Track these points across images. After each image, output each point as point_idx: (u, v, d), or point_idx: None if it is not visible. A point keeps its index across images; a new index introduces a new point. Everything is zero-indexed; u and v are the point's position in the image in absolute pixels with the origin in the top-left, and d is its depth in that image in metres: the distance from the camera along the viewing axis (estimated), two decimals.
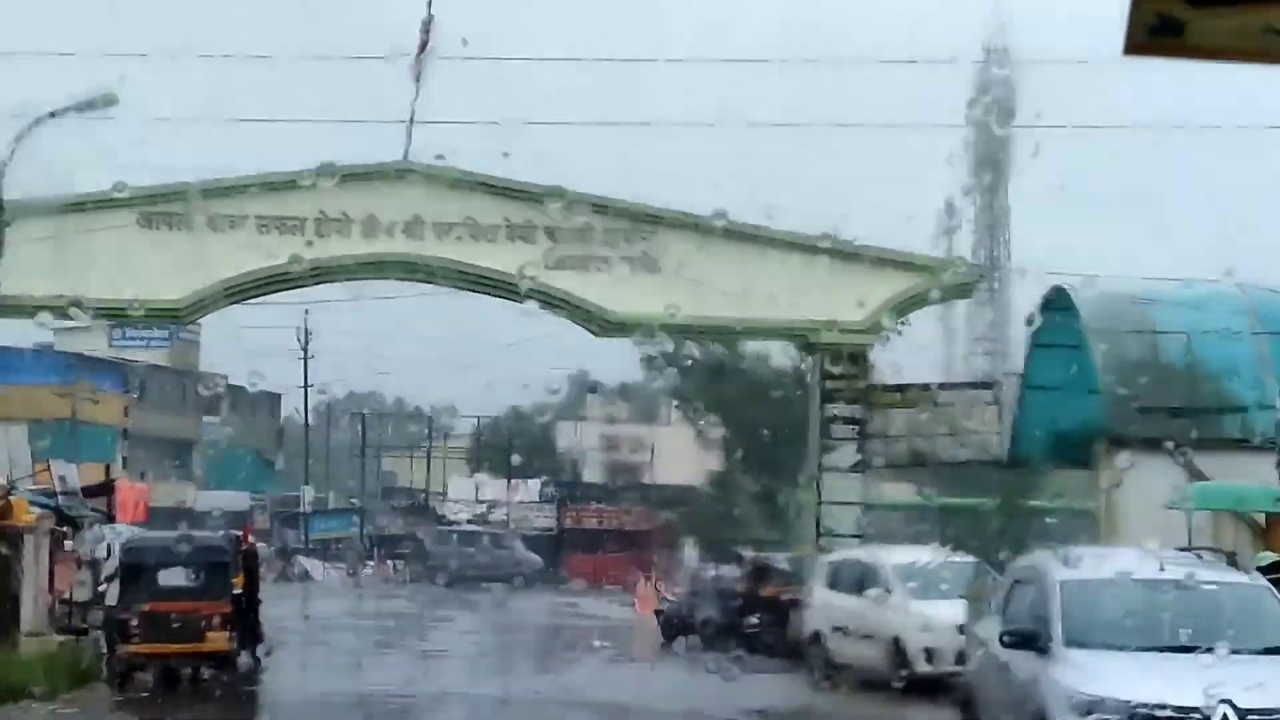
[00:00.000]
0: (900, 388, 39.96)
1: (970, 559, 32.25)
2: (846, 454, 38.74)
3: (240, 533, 33.76)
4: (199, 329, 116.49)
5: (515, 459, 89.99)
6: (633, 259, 38.71)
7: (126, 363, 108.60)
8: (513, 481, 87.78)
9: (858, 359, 39.03)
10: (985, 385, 40.42)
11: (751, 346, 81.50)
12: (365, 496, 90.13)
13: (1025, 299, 37.74)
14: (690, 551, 76.06)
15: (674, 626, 47.83)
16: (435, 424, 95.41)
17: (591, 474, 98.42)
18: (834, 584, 34.33)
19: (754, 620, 43.26)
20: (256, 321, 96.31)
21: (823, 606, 34.21)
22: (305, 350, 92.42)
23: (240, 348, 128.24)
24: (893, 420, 39.63)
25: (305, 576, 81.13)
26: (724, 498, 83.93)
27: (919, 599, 31.45)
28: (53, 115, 31.25)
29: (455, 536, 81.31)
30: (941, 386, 40.40)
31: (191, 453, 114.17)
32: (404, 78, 35.15)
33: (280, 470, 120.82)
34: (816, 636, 34.32)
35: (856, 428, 38.80)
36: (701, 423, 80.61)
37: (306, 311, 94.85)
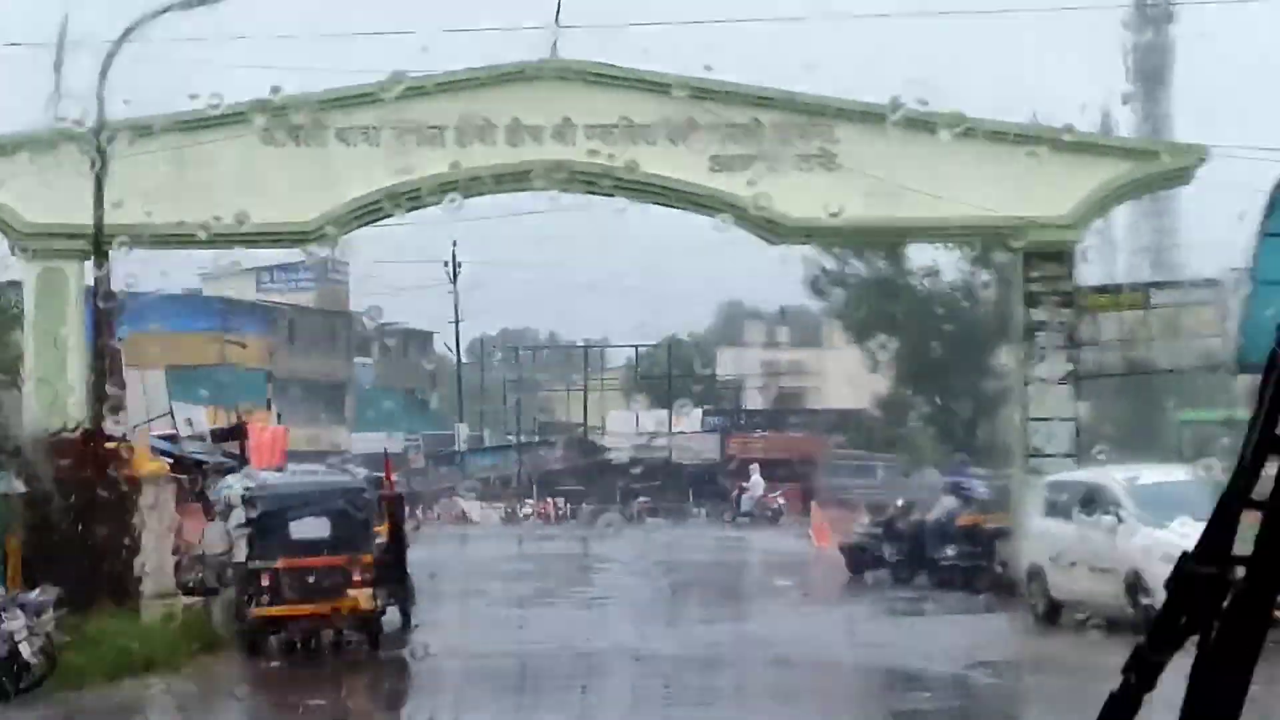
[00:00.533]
0: (1111, 288, 35.56)
1: (1214, 476, 28.07)
2: (1055, 364, 34.32)
3: (382, 475, 30.00)
4: (346, 268, 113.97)
5: (675, 389, 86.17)
6: (808, 156, 34.49)
7: (274, 305, 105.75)
8: (674, 412, 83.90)
9: (1063, 257, 34.56)
10: (1205, 284, 35.84)
11: (919, 259, 77.25)
12: (522, 432, 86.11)
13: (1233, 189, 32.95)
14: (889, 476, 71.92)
15: (862, 560, 43.86)
16: (590, 356, 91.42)
17: (753, 402, 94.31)
18: (1054, 510, 30.13)
19: (950, 552, 39.26)
20: (405, 254, 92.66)
21: (1041, 536, 30.01)
22: (455, 283, 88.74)
23: (386, 283, 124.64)
24: (1103, 326, 35.22)
25: (463, 517, 77.71)
26: (897, 419, 79.71)
27: (1160, 524, 27.25)
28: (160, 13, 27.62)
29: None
30: (1156, 286, 35.85)
31: (343, 395, 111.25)
32: None
33: (434, 409, 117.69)
34: (1035, 571, 30.16)
35: (1065, 334, 34.37)
36: (869, 343, 76.26)
37: (455, 243, 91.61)
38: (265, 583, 25.49)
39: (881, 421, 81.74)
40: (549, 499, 78.38)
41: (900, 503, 48.89)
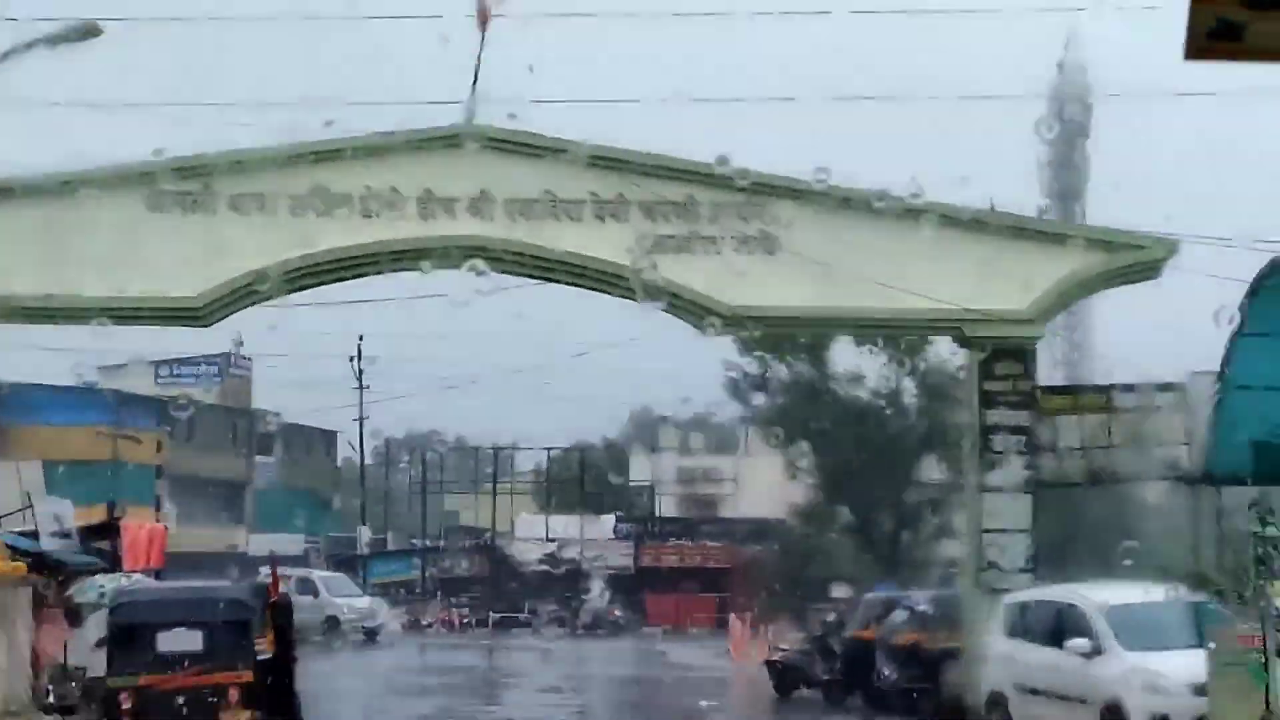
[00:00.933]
0: (1071, 389, 32.54)
1: (1200, 598, 25.02)
2: (1012, 470, 31.26)
3: (268, 579, 26.48)
4: (249, 363, 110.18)
5: (587, 495, 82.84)
6: (747, 239, 31.42)
7: (172, 400, 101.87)
8: (585, 518, 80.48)
9: (1022, 355, 31.55)
10: (1168, 387, 32.87)
11: (842, 364, 74.28)
12: (427, 537, 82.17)
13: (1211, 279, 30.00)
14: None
15: (789, 679, 40.57)
16: (500, 460, 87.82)
17: (667, 509, 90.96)
18: (1018, 631, 26.98)
19: (890, 673, 35.99)
20: (310, 347, 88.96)
21: (1004, 660, 26.84)
22: (360, 379, 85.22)
23: (290, 378, 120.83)
24: (1062, 430, 32.19)
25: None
26: (816, 530, 76.57)
27: (1141, 650, 24.17)
28: (29, 47, 24.37)
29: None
30: (1117, 389, 32.83)
31: (243, 495, 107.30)
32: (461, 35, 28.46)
33: (338, 511, 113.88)
34: (996, 699, 26.96)
35: (1024, 438, 31.33)
36: (789, 450, 73.20)
37: (361, 338, 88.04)
38: (126, 703, 21.97)
39: (800, 532, 78.59)
40: (453, 607, 74.72)
41: (832, 617, 45.71)
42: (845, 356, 72.70)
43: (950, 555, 76.28)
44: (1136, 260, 31.52)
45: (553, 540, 79.58)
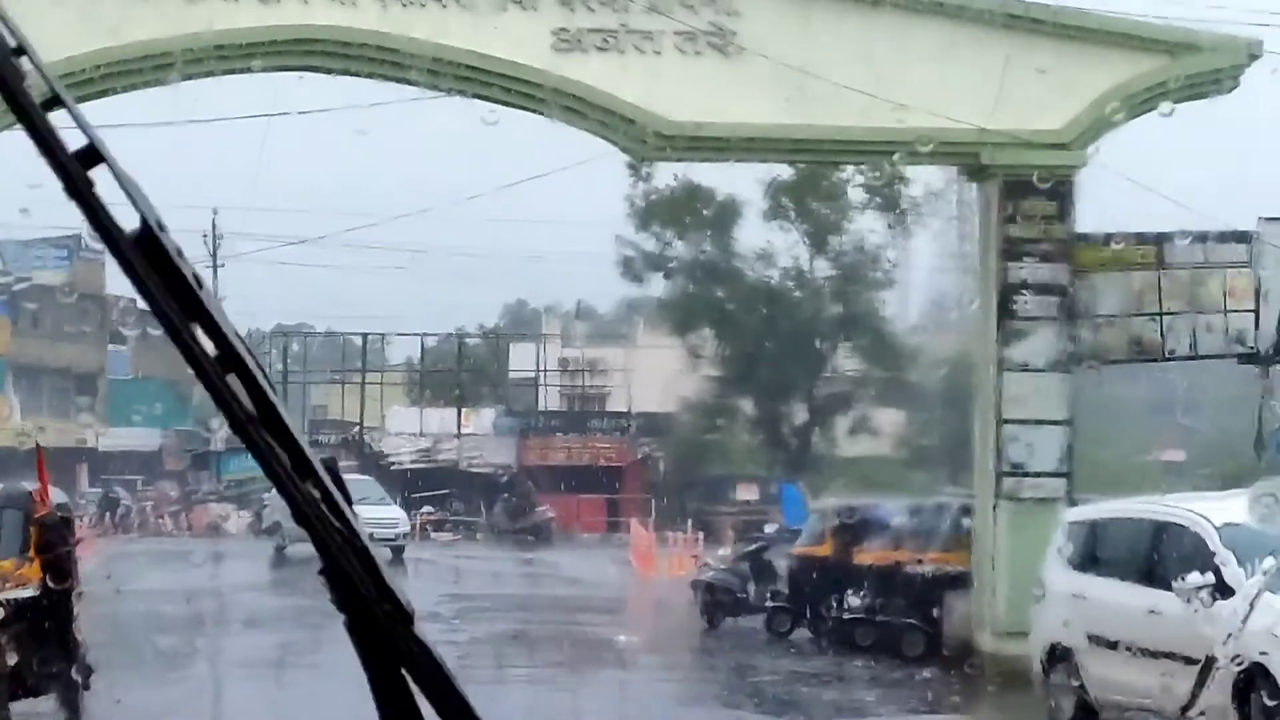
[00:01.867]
0: (1115, 238, 24.53)
1: None
2: (1043, 342, 23.28)
3: (33, 490, 18.21)
4: (103, 248, 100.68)
5: (464, 388, 74.33)
6: (695, 35, 23.17)
7: (16, 285, 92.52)
8: (463, 412, 72.01)
9: (1056, 191, 23.44)
10: (1235, 236, 25.02)
11: (749, 241, 66.13)
12: None
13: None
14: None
15: (720, 604, 32.67)
16: (371, 350, 78.82)
17: (552, 404, 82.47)
18: (1092, 561, 19.08)
19: (856, 602, 28.15)
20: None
21: (1070, 601, 18.91)
22: (215, 259, 76.26)
23: None
24: (1102, 291, 24.26)
25: (215, 529, 65.52)
26: (716, 425, 68.65)
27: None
28: None
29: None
30: (1175, 239, 24.79)
31: (95, 386, 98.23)
32: None
33: (198, 405, 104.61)
34: (1059, 653, 19.07)
35: (1058, 300, 23.35)
36: (689, 338, 65.10)
37: (215, 211, 78.95)
38: None
39: (699, 427, 70.61)
40: None
41: (771, 528, 37.88)
42: (752, 233, 64.74)
43: (865, 455, 68.71)
44: (1205, 67, 23.55)
45: (427, 436, 71.14)
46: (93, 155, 1.84)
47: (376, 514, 46.10)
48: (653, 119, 22.88)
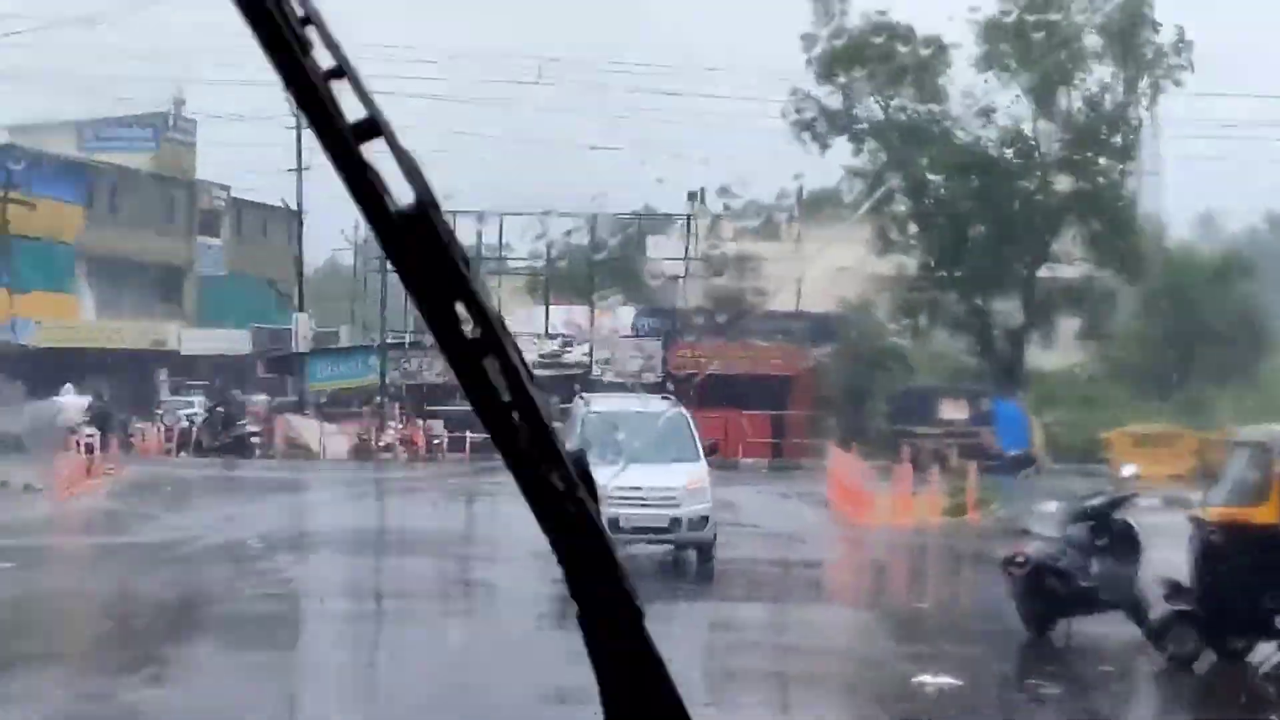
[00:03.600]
0: None
1: None
2: None
3: None
4: (193, 126, 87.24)
5: (595, 277, 60.14)
6: None
7: (95, 164, 79.17)
8: (596, 310, 58.01)
9: None
10: None
11: (957, 96, 51.73)
12: (393, 331, 58.08)
13: None
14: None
15: (1052, 598, 18.76)
16: (484, 226, 63.70)
17: (696, 301, 68.11)
18: None
19: None
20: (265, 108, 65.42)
21: None
22: (299, 158, 62.38)
23: (247, 146, 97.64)
24: None
25: (297, 446, 52.01)
26: (911, 327, 54.48)
27: None
28: None
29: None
30: None
31: (181, 283, 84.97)
32: None
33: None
34: None
35: None
36: (877, 216, 50.92)
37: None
38: None
39: (885, 330, 56.52)
40: (421, 423, 52.47)
41: (1128, 471, 23.73)
42: (962, 85, 50.19)
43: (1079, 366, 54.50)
44: None
45: (554, 336, 57.09)
46: (371, 128, 1.78)
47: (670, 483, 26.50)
48: None
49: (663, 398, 27.77)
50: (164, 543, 26.01)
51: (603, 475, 14.08)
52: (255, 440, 52.26)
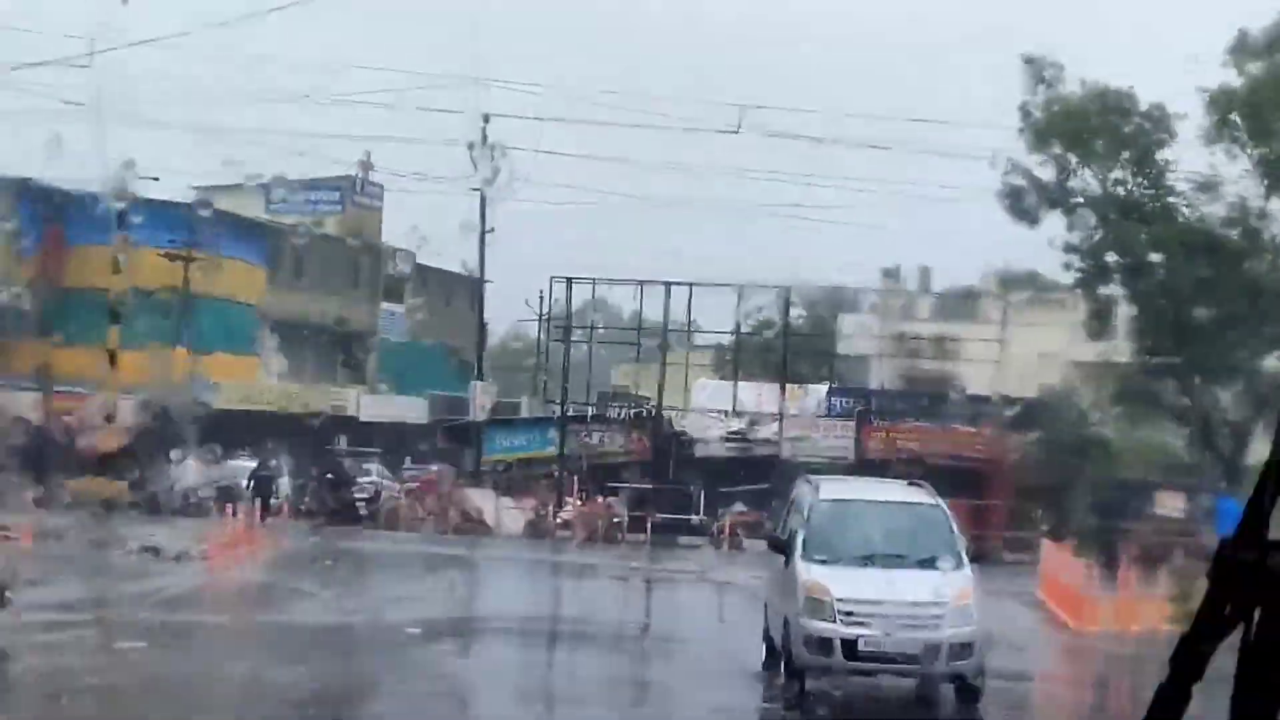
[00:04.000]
0: None
1: None
2: None
3: None
4: (380, 190, 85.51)
5: (787, 352, 57.05)
6: None
7: (280, 227, 77.66)
8: (787, 387, 54.96)
9: None
10: None
11: (1183, 170, 48.33)
12: (568, 401, 54.93)
13: None
14: None
15: None
16: (670, 297, 59.46)
17: (888, 381, 64.92)
18: None
19: None
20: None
21: None
22: (483, 223, 59.98)
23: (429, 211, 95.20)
24: None
25: (471, 519, 49.45)
26: (1123, 415, 50.96)
27: None
28: None
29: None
30: None
31: (364, 348, 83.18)
32: None
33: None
34: None
35: None
36: (1091, 296, 47.63)
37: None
38: None
39: (1090, 418, 53.09)
40: (601, 500, 49.73)
41: None
42: (1189, 160, 46.69)
43: None
44: None
45: (742, 414, 54.10)
46: None
47: (927, 596, 19.19)
48: None
49: (909, 483, 21.74)
50: (315, 625, 23.43)
51: (839, 582, 10.02)
52: (364, 509, 49.99)
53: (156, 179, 63.70)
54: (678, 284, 53.46)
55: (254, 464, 53.16)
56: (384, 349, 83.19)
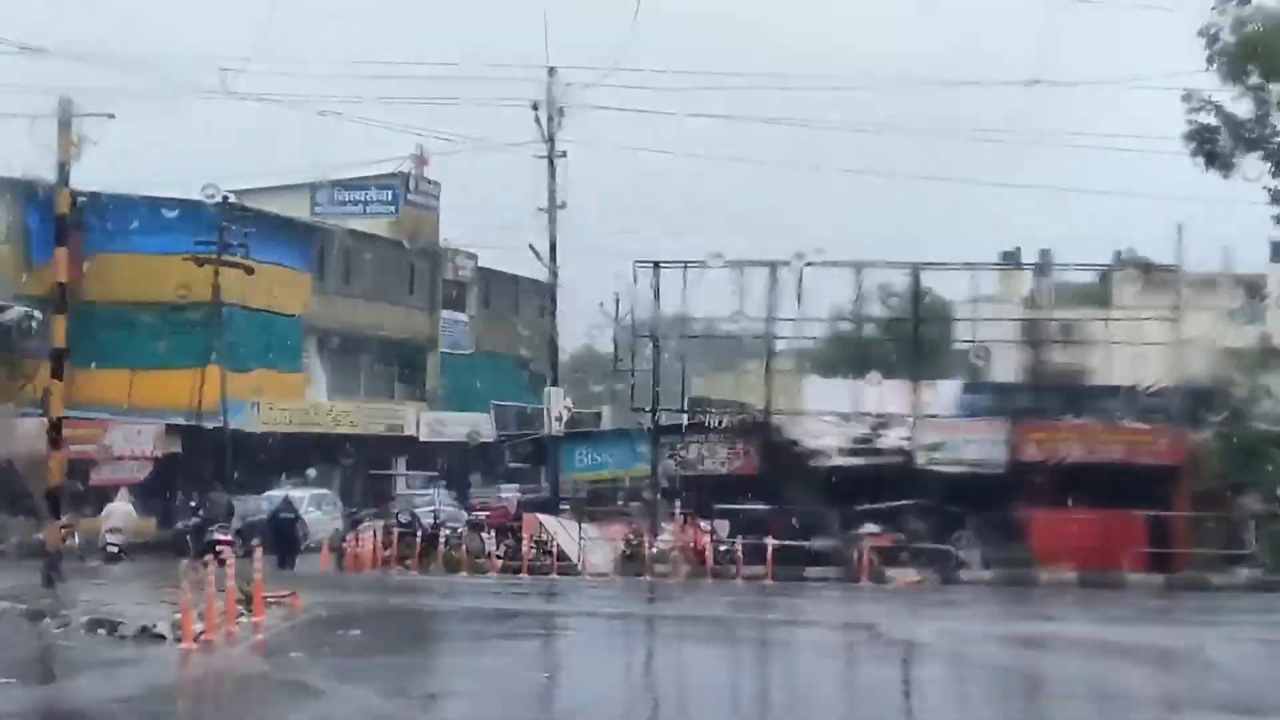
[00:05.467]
0: None
1: None
2: None
3: None
4: (437, 188, 76.43)
5: (917, 339, 47.34)
6: None
7: (328, 228, 68.75)
8: (919, 383, 45.32)
9: None
10: None
11: None
12: (658, 408, 44.86)
13: None
14: None
15: None
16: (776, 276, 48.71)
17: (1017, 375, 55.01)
18: None
19: None
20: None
21: None
22: (552, 208, 50.40)
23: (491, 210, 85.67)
24: None
25: (548, 556, 40.20)
26: None
27: None
28: None
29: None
30: None
31: (423, 361, 74.22)
32: None
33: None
34: None
35: None
36: None
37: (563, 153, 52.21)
38: None
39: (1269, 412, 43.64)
40: (705, 525, 40.40)
41: None
42: None
43: None
44: None
45: (866, 415, 44.50)
46: None
47: None
48: None
49: None
50: None
51: None
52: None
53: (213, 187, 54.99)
54: (782, 263, 43.87)
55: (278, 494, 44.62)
56: (445, 361, 74.23)
